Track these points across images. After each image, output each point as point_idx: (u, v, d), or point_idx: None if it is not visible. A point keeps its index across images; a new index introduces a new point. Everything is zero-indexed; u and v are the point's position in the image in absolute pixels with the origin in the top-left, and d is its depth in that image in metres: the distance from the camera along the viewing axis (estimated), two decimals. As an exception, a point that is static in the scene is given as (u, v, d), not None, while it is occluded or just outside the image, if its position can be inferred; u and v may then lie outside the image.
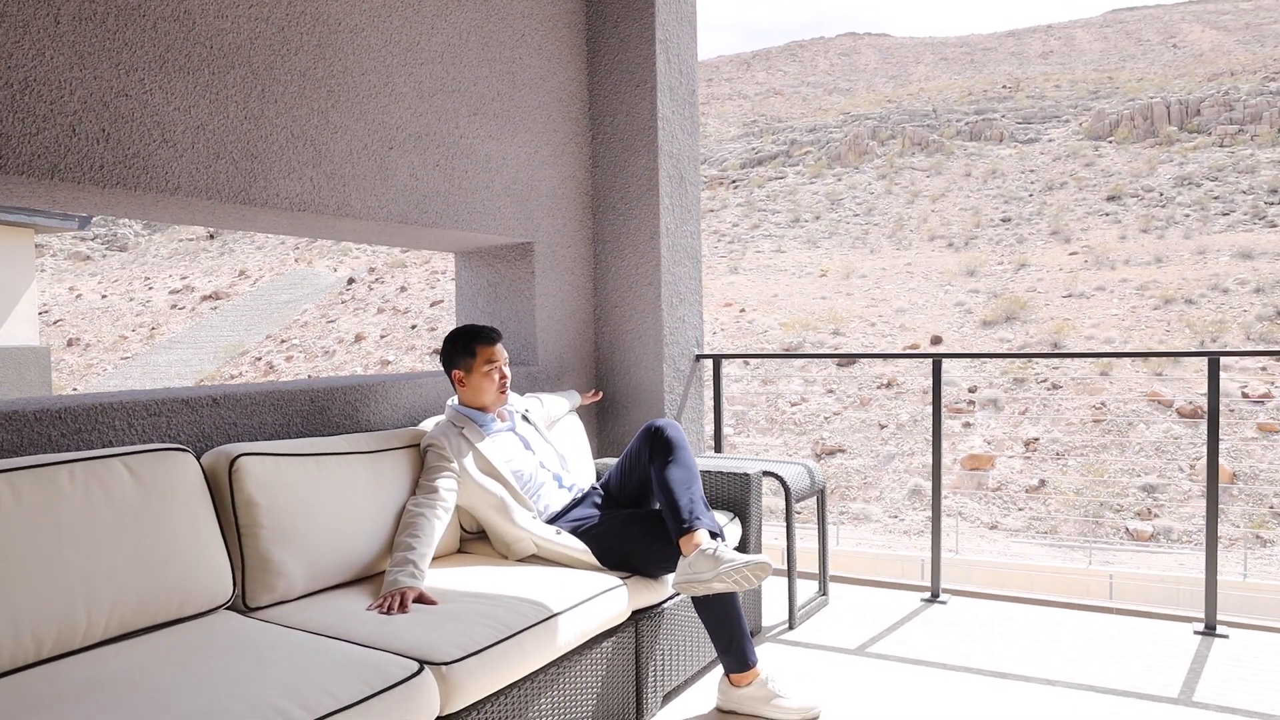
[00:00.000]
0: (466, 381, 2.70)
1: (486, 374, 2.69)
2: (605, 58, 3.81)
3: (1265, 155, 31.66)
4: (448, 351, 2.74)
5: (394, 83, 2.92)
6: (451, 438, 2.63)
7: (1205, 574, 3.16)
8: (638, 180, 3.76)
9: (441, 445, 2.60)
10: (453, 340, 2.74)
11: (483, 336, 2.71)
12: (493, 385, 2.70)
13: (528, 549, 2.57)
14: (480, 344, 2.70)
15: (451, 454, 2.58)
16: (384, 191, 2.89)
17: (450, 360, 2.73)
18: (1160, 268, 26.34)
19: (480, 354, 2.69)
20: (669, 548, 2.41)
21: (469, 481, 2.59)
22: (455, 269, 3.80)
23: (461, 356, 2.71)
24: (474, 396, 2.71)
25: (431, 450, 2.60)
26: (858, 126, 42.12)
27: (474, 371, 2.69)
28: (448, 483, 2.53)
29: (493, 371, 2.70)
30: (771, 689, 2.44)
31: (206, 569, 1.98)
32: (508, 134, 3.41)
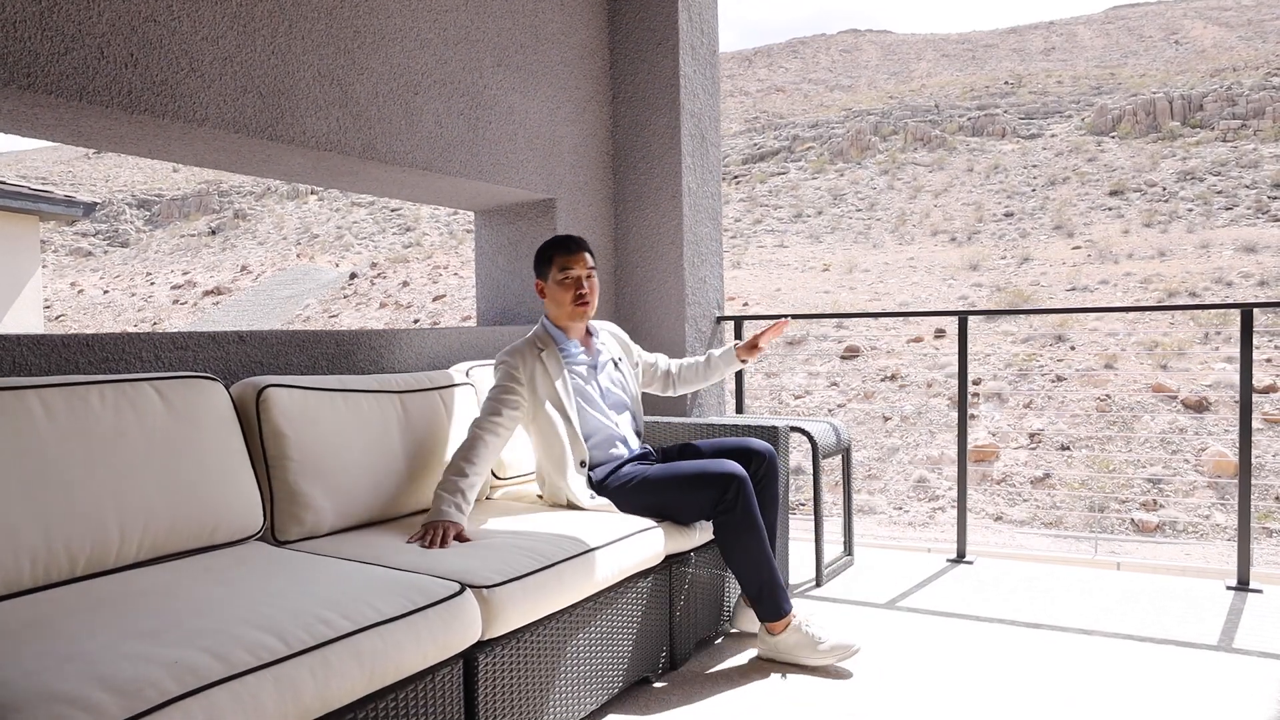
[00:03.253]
0: (549, 294, 2.57)
1: (561, 283, 2.54)
2: (627, 15, 3.76)
3: (1268, 150, 31.62)
4: (535, 262, 2.63)
5: (419, 28, 2.88)
6: (527, 359, 2.50)
7: (1238, 532, 3.12)
8: (659, 139, 3.71)
9: (515, 365, 2.48)
10: (538, 250, 2.63)
11: (559, 244, 2.57)
12: (568, 297, 2.54)
13: (561, 500, 2.51)
14: (557, 251, 2.55)
15: (524, 376, 2.47)
16: (409, 136, 2.84)
17: (535, 271, 2.62)
18: (1163, 261, 26.30)
19: (555, 261, 2.55)
20: (703, 495, 2.37)
21: (531, 410, 2.48)
22: (475, 227, 3.76)
23: (541, 265, 2.58)
24: (559, 312, 2.58)
25: (503, 368, 2.49)
26: (860, 122, 42.07)
27: (550, 281, 2.56)
28: (512, 410, 2.43)
29: (568, 281, 2.53)
30: (809, 633, 2.40)
31: (237, 497, 1.94)
32: (530, 88, 3.36)
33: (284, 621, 1.41)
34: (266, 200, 46.75)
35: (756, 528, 2.36)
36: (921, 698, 2.20)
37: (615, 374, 2.70)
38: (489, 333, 3.18)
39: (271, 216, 45.75)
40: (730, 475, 2.34)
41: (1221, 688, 2.23)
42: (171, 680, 1.20)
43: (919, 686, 2.27)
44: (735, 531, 2.36)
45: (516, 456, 2.78)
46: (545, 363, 2.50)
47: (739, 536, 2.36)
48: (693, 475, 2.39)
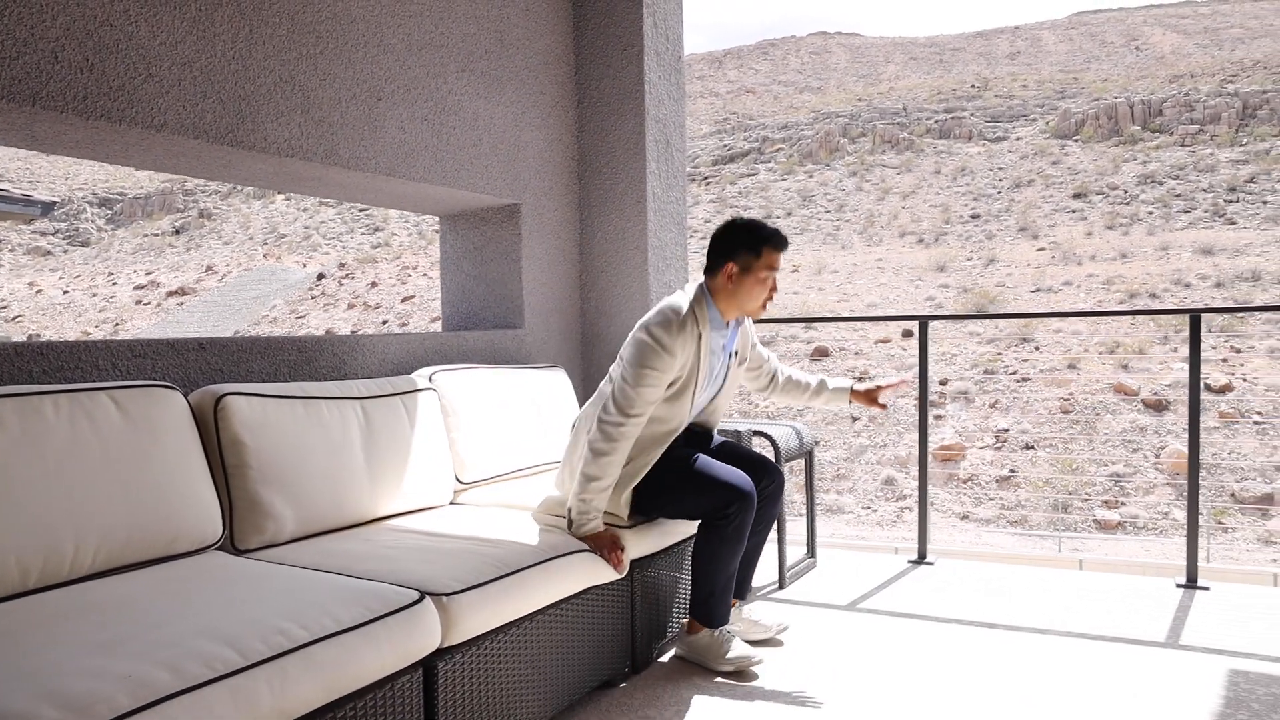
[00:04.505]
0: (737, 281, 2.34)
1: (763, 281, 2.34)
2: (592, 21, 3.78)
3: (1224, 155, 32.34)
4: (727, 240, 2.37)
5: (383, 33, 2.87)
6: (689, 338, 2.28)
7: (1186, 532, 3.20)
8: (624, 145, 3.73)
9: (674, 352, 2.25)
10: (739, 230, 2.37)
11: (777, 238, 2.35)
12: (762, 295, 2.36)
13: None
14: (770, 247, 2.34)
15: (679, 361, 2.27)
16: (372, 142, 2.84)
17: (728, 250, 2.36)
18: (1125, 263, 26.81)
19: (766, 256, 2.33)
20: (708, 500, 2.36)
21: None
22: (440, 232, 3.76)
23: (744, 251, 2.34)
24: (730, 300, 2.37)
25: (658, 354, 2.24)
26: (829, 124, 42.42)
27: (752, 273, 2.33)
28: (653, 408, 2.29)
29: (768, 280, 2.36)
30: (719, 640, 2.43)
31: (196, 507, 1.93)
32: (495, 93, 3.37)
33: (241, 633, 1.41)
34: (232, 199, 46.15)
35: (739, 544, 2.39)
36: (877, 698, 2.24)
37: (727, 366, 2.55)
38: (454, 338, 3.19)
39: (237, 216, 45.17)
40: (742, 492, 2.34)
41: (1168, 684, 2.30)
42: (124, 695, 1.20)
43: (876, 688, 2.31)
44: (719, 542, 2.37)
45: (478, 459, 2.79)
46: (701, 345, 2.33)
47: (719, 547, 2.38)
48: (707, 479, 2.36)
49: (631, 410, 2.25)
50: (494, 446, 2.84)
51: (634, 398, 2.25)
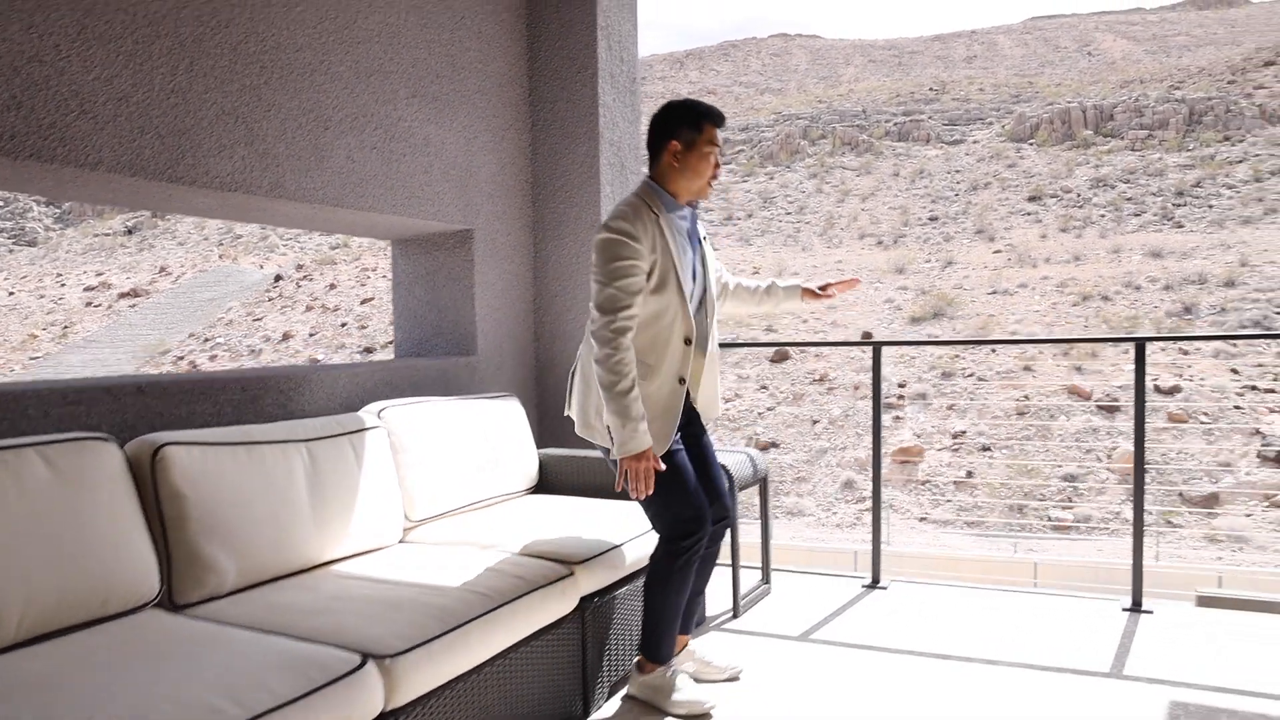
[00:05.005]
0: (682, 159, 2.31)
1: (707, 155, 2.32)
2: (546, 43, 3.75)
3: (1172, 159, 33.14)
4: (665, 120, 2.34)
5: (330, 61, 2.82)
6: (646, 223, 2.24)
7: (1132, 555, 3.26)
8: (579, 168, 3.71)
9: (636, 234, 2.20)
10: (678, 109, 2.34)
11: (716, 114, 2.33)
12: (708, 171, 2.33)
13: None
14: (709, 122, 2.32)
15: (645, 246, 2.21)
16: (319, 173, 2.78)
17: (668, 129, 2.32)
18: (1078, 265, 27.35)
19: (707, 131, 2.31)
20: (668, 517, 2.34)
21: None
22: (392, 256, 3.71)
23: (684, 127, 2.31)
24: (679, 179, 2.33)
25: (621, 241, 2.19)
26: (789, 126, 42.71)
27: (695, 148, 2.31)
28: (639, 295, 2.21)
29: (713, 155, 2.33)
30: (670, 682, 2.42)
31: (131, 564, 1.87)
32: (447, 118, 3.33)
33: (174, 716, 1.37)
34: (186, 198, 45.21)
35: (688, 575, 2.38)
36: (830, 739, 2.25)
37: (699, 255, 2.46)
38: (405, 368, 3.14)
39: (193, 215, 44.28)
40: (701, 523, 2.33)
41: (1111, 717, 2.33)
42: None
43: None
44: (669, 571, 2.36)
45: (428, 495, 2.75)
46: (661, 225, 2.28)
47: (670, 576, 2.36)
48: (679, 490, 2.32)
49: (618, 305, 2.19)
50: (444, 482, 2.81)
51: (615, 294, 2.19)
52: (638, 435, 2.20)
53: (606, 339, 2.19)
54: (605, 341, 2.19)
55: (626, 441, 2.20)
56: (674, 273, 2.30)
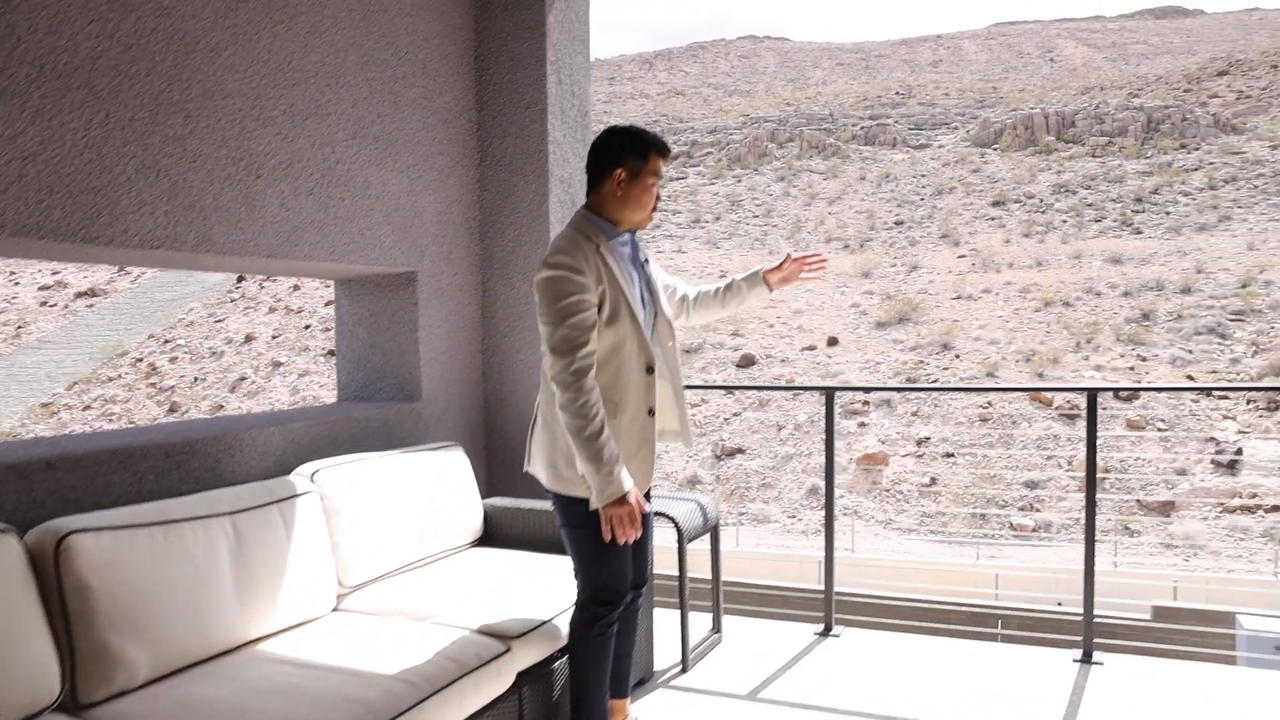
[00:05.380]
0: (625, 188, 2.24)
1: (650, 187, 2.26)
2: (495, 77, 3.66)
3: (1131, 166, 33.74)
4: (611, 146, 2.26)
5: (262, 106, 2.71)
6: (587, 254, 2.17)
7: (1083, 606, 3.25)
8: (528, 205, 3.63)
9: (578, 268, 2.12)
10: (623, 136, 2.26)
11: (661, 145, 2.28)
12: (650, 203, 2.28)
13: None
14: (656, 152, 2.26)
15: (590, 279, 2.13)
16: (250, 224, 2.67)
17: (613, 156, 2.25)
18: (1040, 271, 27.73)
19: (652, 161, 2.25)
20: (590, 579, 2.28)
21: None
22: (335, 296, 3.59)
23: (631, 156, 2.24)
24: (620, 209, 2.27)
25: (561, 277, 2.11)
26: (757, 129, 42.86)
27: (639, 179, 2.24)
28: (593, 330, 2.12)
29: (656, 188, 2.29)
30: None
31: (29, 664, 1.76)
32: (389, 158, 3.23)
33: None
34: (145, 196, 44.36)
35: (607, 644, 2.32)
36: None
37: (644, 280, 2.38)
38: (345, 420, 3.03)
39: (150, 214, 43.46)
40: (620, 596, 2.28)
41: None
42: None
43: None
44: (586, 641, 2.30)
45: (362, 560, 2.66)
46: (604, 254, 2.21)
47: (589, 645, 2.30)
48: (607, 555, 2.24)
49: (574, 344, 2.10)
50: (381, 544, 2.72)
51: (568, 333, 2.10)
52: (615, 479, 2.09)
53: (568, 382, 2.10)
54: (567, 385, 2.10)
55: (604, 488, 2.09)
56: (625, 301, 2.22)
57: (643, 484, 2.24)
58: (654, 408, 2.27)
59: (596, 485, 2.10)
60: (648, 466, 2.26)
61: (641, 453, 2.25)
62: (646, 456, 2.26)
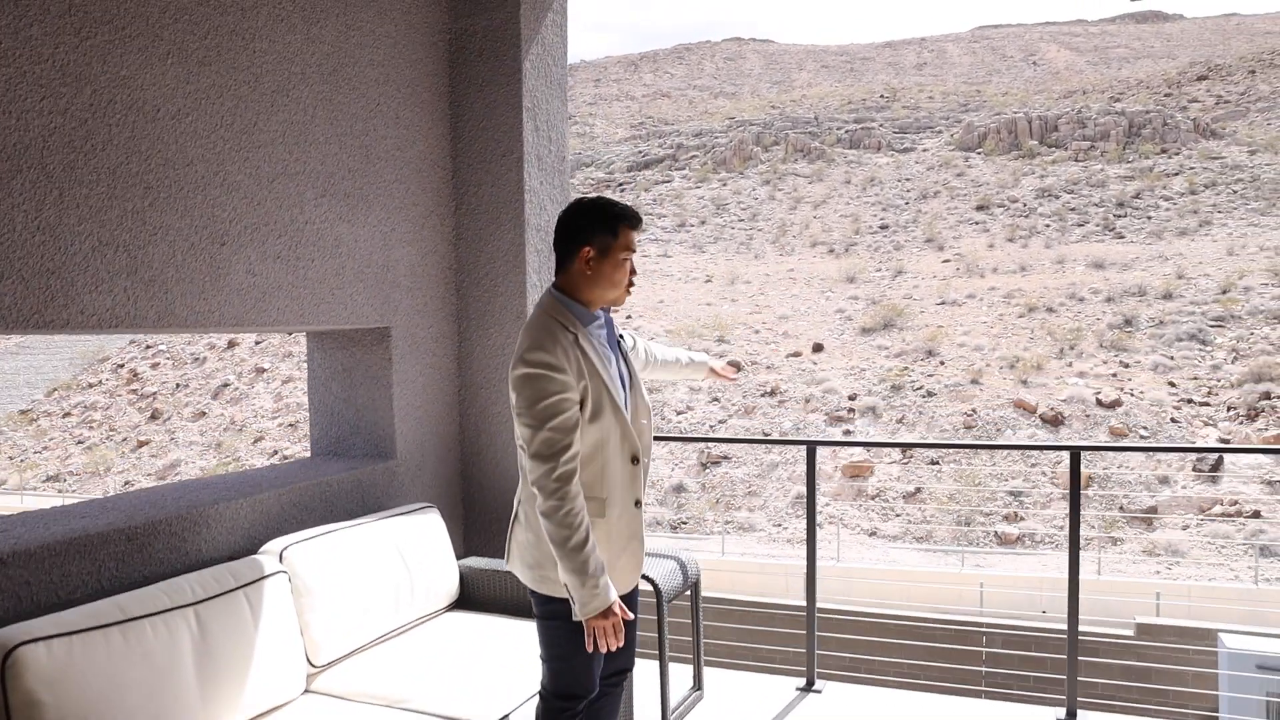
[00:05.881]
0: (595, 266, 2.12)
1: (623, 263, 2.14)
2: (470, 124, 3.60)
3: (1113, 171, 33.94)
4: (578, 222, 2.14)
5: (226, 171, 2.64)
6: (565, 347, 2.05)
7: (1068, 667, 3.22)
8: (504, 255, 3.57)
9: (560, 366, 2.01)
10: (589, 210, 2.14)
11: (630, 217, 2.15)
12: (623, 278, 2.16)
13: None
14: (626, 225, 2.14)
15: (571, 376, 2.02)
16: (215, 294, 2.60)
17: (581, 233, 2.13)
18: (1024, 276, 27.84)
19: (623, 235, 2.14)
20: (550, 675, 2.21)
21: None
22: (307, 349, 3.52)
23: (600, 232, 2.12)
24: (592, 288, 2.15)
25: (545, 377, 2.00)
26: (742, 132, 42.87)
27: (610, 255, 2.12)
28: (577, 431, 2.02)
29: (628, 263, 2.17)
30: None
31: (-23, 790, 1.69)
32: (360, 213, 3.16)
33: None
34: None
35: None
36: None
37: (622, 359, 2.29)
38: (316, 486, 2.96)
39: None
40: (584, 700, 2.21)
41: None
42: None
43: None
44: None
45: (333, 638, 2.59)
46: (582, 345, 2.09)
47: None
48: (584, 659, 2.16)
49: (556, 449, 2.00)
50: (353, 618, 2.65)
51: (550, 437, 2.00)
52: (600, 593, 2.01)
53: (551, 489, 2.01)
54: (550, 493, 2.01)
55: (589, 601, 2.01)
56: (607, 393, 2.11)
57: (631, 579, 2.18)
58: (641, 498, 2.20)
59: (581, 598, 2.02)
60: (636, 560, 2.20)
61: (631, 546, 2.18)
62: (635, 550, 2.19)
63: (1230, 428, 18.92)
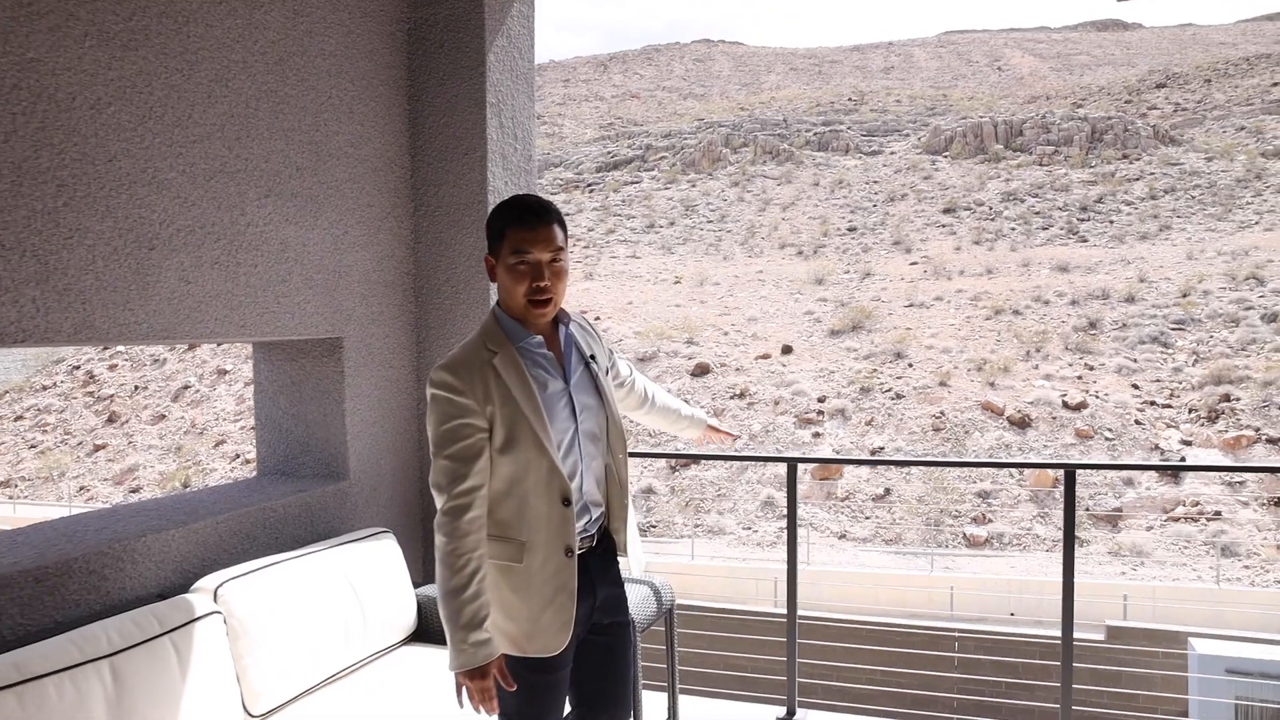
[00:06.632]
0: (499, 276, 1.90)
1: (514, 269, 1.86)
2: (430, 120, 3.36)
3: (1076, 175, 34.35)
4: (486, 230, 1.95)
5: (155, 168, 2.39)
6: (475, 371, 1.83)
7: (1061, 677, 3.07)
8: (466, 261, 3.34)
9: (461, 388, 1.81)
10: (492, 214, 1.92)
11: (515, 213, 1.86)
12: (520, 289, 1.85)
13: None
14: (511, 224, 1.86)
15: (476, 400, 1.81)
16: (142, 304, 2.35)
17: (488, 240, 1.94)
18: (991, 279, 28.03)
19: (508, 238, 1.85)
20: None
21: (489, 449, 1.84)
22: (253, 359, 3.27)
23: (492, 238, 1.90)
24: (505, 300, 1.91)
25: (444, 399, 1.81)
26: (711, 134, 42.82)
27: (501, 260, 1.88)
28: (483, 459, 1.82)
29: (522, 268, 1.85)
30: None
31: None
32: (309, 215, 2.91)
33: None
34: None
35: None
36: None
37: (588, 381, 2.01)
38: (259, 513, 2.71)
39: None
40: None
41: None
42: None
43: None
44: None
45: (274, 684, 2.35)
46: (500, 370, 1.85)
47: None
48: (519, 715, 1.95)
49: (451, 478, 1.80)
50: (297, 661, 2.41)
51: (446, 464, 1.80)
52: (468, 649, 1.78)
53: (440, 523, 1.80)
54: (439, 527, 1.81)
55: (457, 655, 1.79)
56: (528, 423, 1.84)
57: (559, 639, 1.90)
58: (573, 546, 1.92)
59: (451, 648, 1.80)
60: (565, 616, 1.90)
61: (559, 600, 1.89)
62: (565, 604, 1.90)
63: (1192, 430, 19.13)
